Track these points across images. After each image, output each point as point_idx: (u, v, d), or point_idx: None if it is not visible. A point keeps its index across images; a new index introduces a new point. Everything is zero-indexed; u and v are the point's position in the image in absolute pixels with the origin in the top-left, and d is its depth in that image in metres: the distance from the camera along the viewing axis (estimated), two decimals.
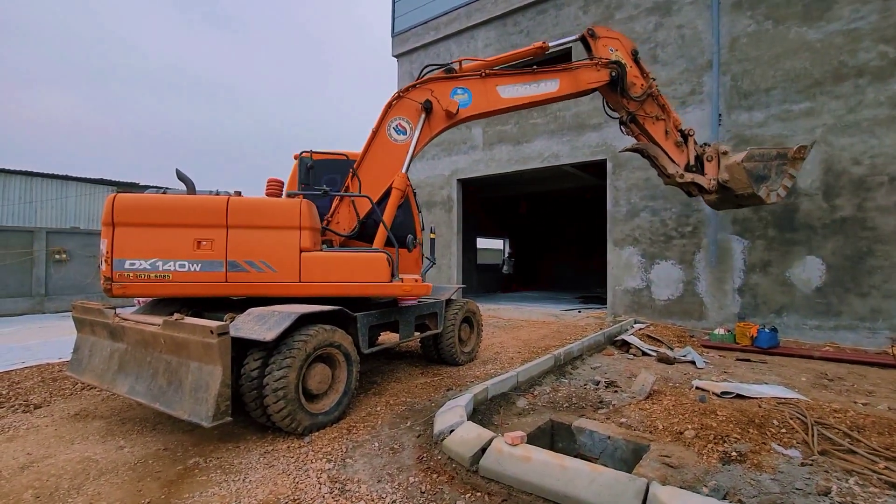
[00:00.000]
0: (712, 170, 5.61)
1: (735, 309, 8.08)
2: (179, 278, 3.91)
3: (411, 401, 4.59)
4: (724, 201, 5.84)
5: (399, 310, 5.11)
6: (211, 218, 4.01)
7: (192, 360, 3.32)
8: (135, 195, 4.03)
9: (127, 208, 3.87)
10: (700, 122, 8.49)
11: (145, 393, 3.52)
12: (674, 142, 5.60)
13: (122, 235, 3.83)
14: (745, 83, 8.07)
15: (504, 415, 4.23)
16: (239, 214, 4.07)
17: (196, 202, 4.06)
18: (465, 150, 12.34)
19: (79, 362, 4.28)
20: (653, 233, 9.05)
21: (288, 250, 4.16)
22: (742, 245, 8.02)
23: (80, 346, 4.38)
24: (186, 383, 3.31)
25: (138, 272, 3.82)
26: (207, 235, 3.98)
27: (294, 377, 3.58)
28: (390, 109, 4.90)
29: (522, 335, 8.52)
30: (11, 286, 10.26)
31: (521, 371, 4.98)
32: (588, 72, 5.30)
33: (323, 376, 3.92)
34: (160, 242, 3.89)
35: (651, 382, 4.61)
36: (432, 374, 5.66)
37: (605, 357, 6.74)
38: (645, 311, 9.08)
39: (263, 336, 3.44)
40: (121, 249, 3.81)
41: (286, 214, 4.19)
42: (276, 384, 3.50)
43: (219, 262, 3.98)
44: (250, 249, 4.07)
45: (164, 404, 3.35)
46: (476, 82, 5.00)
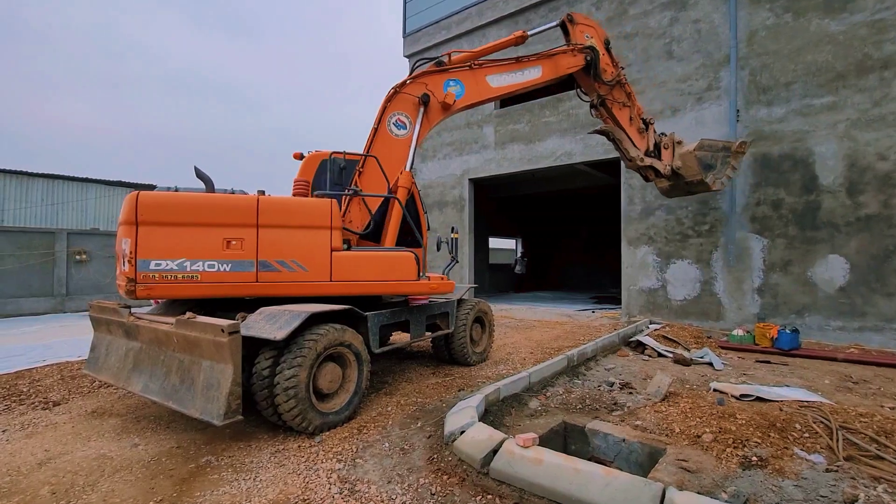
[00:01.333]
0: (668, 157, 6.12)
1: (754, 309, 7.88)
2: (209, 279, 3.79)
3: (422, 401, 4.57)
4: (674, 188, 6.42)
5: (410, 309, 5.08)
6: (241, 217, 3.93)
7: (204, 359, 3.35)
8: (159, 192, 3.94)
9: (152, 206, 3.71)
10: (717, 118, 8.31)
11: (158, 391, 3.56)
12: (637, 128, 5.99)
13: (147, 235, 3.65)
14: (764, 78, 7.86)
15: (516, 416, 4.17)
16: (270, 214, 4.03)
17: (225, 201, 3.97)
18: (476, 150, 12.29)
19: (95, 361, 4.36)
20: (668, 231, 8.88)
21: (319, 250, 4.19)
22: (761, 244, 7.82)
23: (96, 345, 4.45)
24: (198, 382, 3.33)
25: (165, 273, 3.65)
26: (237, 235, 3.89)
27: (304, 376, 3.58)
28: (389, 105, 4.91)
29: (535, 336, 8.43)
30: (34, 286, 10.52)
31: (533, 372, 4.91)
32: (566, 57, 5.59)
33: (334, 376, 3.92)
34: (188, 242, 3.74)
35: (667, 384, 4.51)
36: (444, 375, 5.63)
37: (620, 358, 6.62)
38: (660, 312, 8.92)
39: (274, 335, 3.44)
40: (146, 249, 3.63)
41: (318, 214, 4.22)
42: (287, 383, 3.50)
43: (249, 262, 3.91)
44: (281, 249, 4.03)
45: (177, 402, 3.38)
46: (466, 73, 5.13)
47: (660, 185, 6.53)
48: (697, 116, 8.51)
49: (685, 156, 6.10)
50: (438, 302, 5.60)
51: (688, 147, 6.07)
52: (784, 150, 7.64)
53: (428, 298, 5.60)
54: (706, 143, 6.14)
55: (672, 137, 6.19)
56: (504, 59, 5.37)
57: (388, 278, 4.58)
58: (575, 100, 10.28)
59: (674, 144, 6.17)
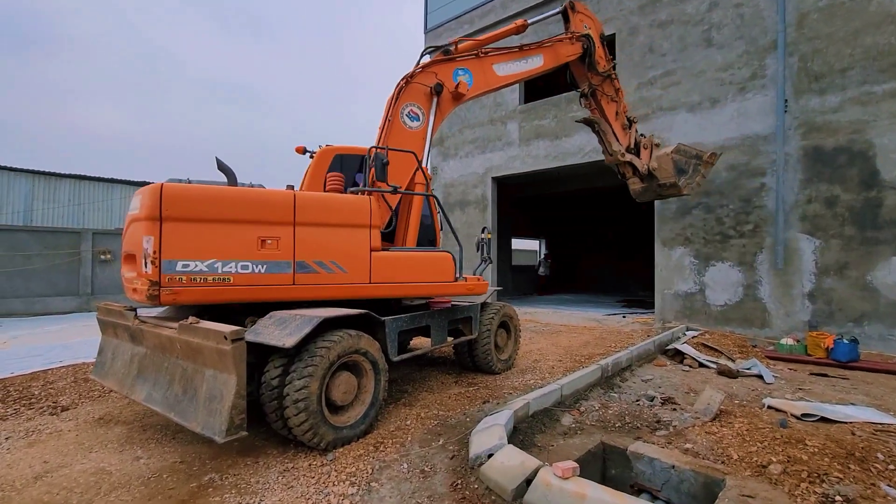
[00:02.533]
0: (646, 157, 6.19)
1: (804, 316, 7.23)
2: (242, 281, 3.44)
3: (444, 414, 4.21)
4: (646, 190, 6.49)
5: (431, 313, 4.75)
6: (277, 214, 3.62)
7: (207, 368, 3.07)
8: (186, 185, 3.51)
9: (179, 200, 3.28)
10: (763, 109, 7.68)
11: (161, 401, 3.31)
12: (621, 124, 6.08)
13: (173, 232, 3.22)
14: (817, 64, 7.21)
15: (548, 434, 3.78)
16: (308, 211, 3.74)
17: (259, 196, 3.63)
18: (500, 147, 11.88)
19: (102, 366, 4.16)
20: (707, 232, 8.28)
21: (359, 250, 3.97)
22: (813, 245, 7.17)
23: (103, 349, 4.25)
24: (201, 393, 3.06)
25: (193, 275, 3.26)
26: (273, 233, 3.57)
27: (316, 387, 3.28)
28: (401, 95, 4.64)
29: (562, 341, 7.97)
30: (60, 285, 10.65)
31: (565, 384, 4.49)
32: (565, 46, 5.64)
33: (348, 386, 3.61)
34: (219, 241, 3.38)
35: (718, 401, 4.03)
36: (467, 384, 5.26)
37: (657, 368, 6.12)
38: (698, 318, 8.32)
39: (283, 342, 3.14)
40: (171, 248, 3.21)
41: (357, 212, 3.99)
42: (297, 395, 3.20)
43: (286, 262, 3.62)
44: (320, 249, 3.78)
45: (179, 415, 3.11)
46: (474, 62, 5.03)
47: (633, 185, 6.55)
48: (740, 108, 7.90)
49: (662, 158, 6.20)
50: (461, 305, 5.25)
51: (665, 150, 6.19)
52: (839, 143, 6.98)
53: (450, 302, 5.26)
54: (682, 147, 6.33)
55: (651, 139, 6.29)
56: (509, 48, 5.26)
57: (427, 279, 4.42)
58: None
59: (652, 146, 6.27)
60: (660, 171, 6.18)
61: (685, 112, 8.56)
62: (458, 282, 4.76)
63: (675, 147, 6.26)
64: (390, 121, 4.64)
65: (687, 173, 6.35)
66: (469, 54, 5.04)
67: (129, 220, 3.64)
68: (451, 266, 4.67)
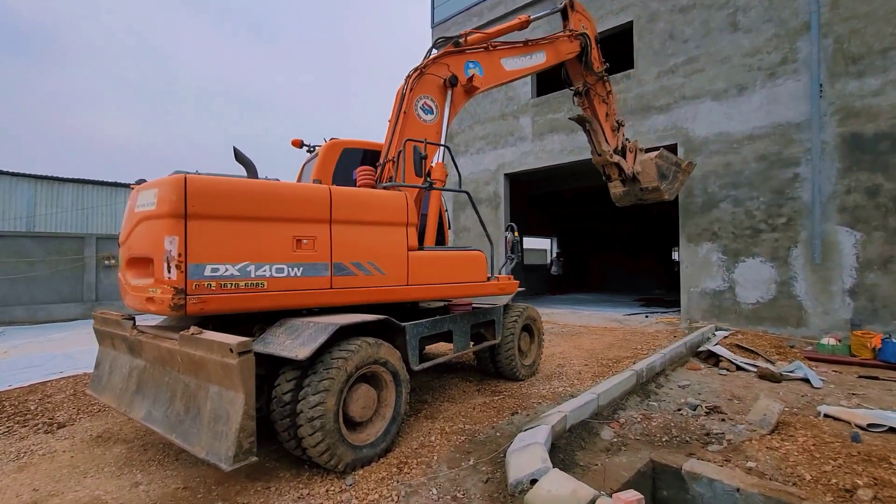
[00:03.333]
0: (630, 160, 6.32)
1: (845, 314, 6.78)
2: (277, 287, 3.09)
3: (471, 428, 3.85)
4: (627, 194, 6.59)
5: (454, 318, 4.38)
6: (313, 211, 3.29)
7: (212, 384, 2.72)
8: (213, 177, 3.02)
9: (206, 195, 2.86)
10: (794, 95, 7.25)
11: (162, 421, 2.96)
12: (611, 125, 6.14)
13: (199, 232, 2.81)
14: (854, 45, 6.77)
15: (588, 451, 3.40)
16: (344, 207, 3.44)
17: (295, 191, 3.29)
18: (512, 142, 11.50)
19: (99, 379, 3.81)
20: (736, 226, 7.85)
21: (397, 249, 3.73)
22: (854, 238, 6.72)
23: (101, 361, 3.86)
24: (205, 412, 2.71)
25: (223, 280, 2.86)
26: (309, 232, 3.24)
27: (333, 403, 2.94)
28: (416, 87, 4.40)
29: (585, 343, 7.58)
30: (64, 291, 10.41)
31: (601, 393, 4.11)
32: (565, 43, 5.68)
33: (367, 400, 3.27)
34: (252, 241, 3.00)
35: (777, 412, 3.63)
36: (490, 392, 4.90)
37: (692, 372, 5.72)
38: (727, 317, 7.89)
39: (295, 353, 2.82)
40: (199, 250, 2.79)
41: (395, 208, 3.76)
42: (312, 412, 2.86)
43: (323, 264, 3.31)
44: (357, 249, 3.50)
45: (181, 437, 2.76)
46: (483, 56, 4.93)
47: (614, 189, 6.63)
48: (770, 94, 7.47)
49: (645, 162, 6.39)
50: (483, 308, 4.88)
51: (649, 155, 6.40)
52: (881, 128, 6.54)
53: (472, 304, 4.91)
54: (665, 153, 6.55)
55: (635, 144, 6.47)
56: (515, 42, 5.22)
57: (462, 280, 4.25)
58: (622, 83, 9.39)
59: (637, 150, 6.44)
60: (643, 174, 6.35)
61: (710, 100, 8.13)
62: (491, 281, 4.63)
63: (659, 152, 6.45)
64: (405, 113, 4.37)
65: (668, 178, 6.54)
66: (479, 47, 4.90)
67: (136, 218, 3.13)
68: (484, 265, 4.52)
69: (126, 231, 3.31)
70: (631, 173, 6.33)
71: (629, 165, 6.32)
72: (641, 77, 9.06)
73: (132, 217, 3.19)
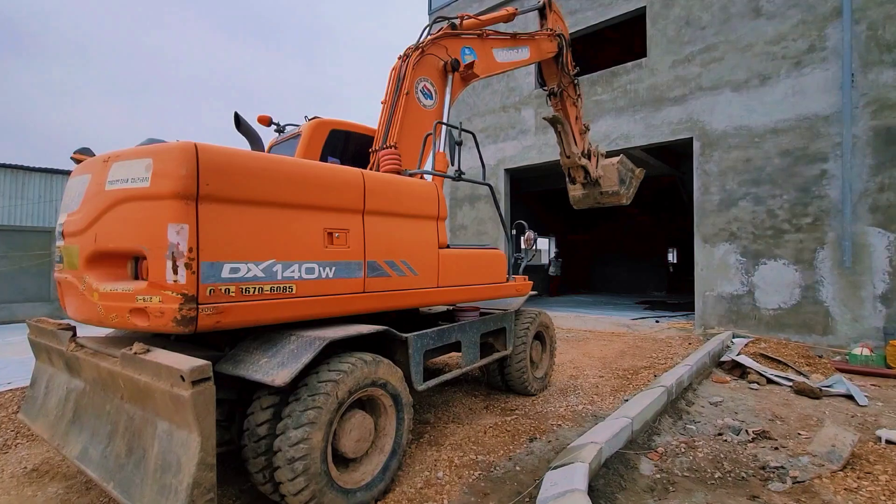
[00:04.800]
0: (593, 164, 6.48)
1: (877, 322, 6.30)
2: (307, 291, 2.52)
3: (484, 459, 3.24)
4: (587, 197, 6.76)
5: (462, 327, 3.76)
6: (346, 199, 2.76)
7: (160, 419, 2.07)
8: (230, 149, 2.35)
9: (224, 171, 2.22)
10: (823, 85, 6.75)
11: (99, 463, 2.27)
12: (579, 129, 6.28)
13: (213, 219, 2.17)
14: (889, 32, 6.29)
15: (630, 492, 2.82)
16: (378, 196, 2.94)
17: (326, 172, 2.72)
18: (513, 136, 10.91)
19: (33, 402, 3.06)
20: (756, 226, 7.34)
21: (429, 247, 3.35)
22: (887, 240, 6.24)
23: (36, 380, 3.12)
24: (151, 456, 2.06)
25: (245, 284, 2.26)
26: (341, 224, 2.71)
27: (320, 438, 2.34)
28: (416, 67, 3.98)
29: (594, 351, 7.03)
30: (29, 290, 9.59)
31: (635, 416, 3.52)
32: (546, 42, 5.67)
33: (363, 431, 2.66)
34: (277, 233, 2.41)
35: (850, 444, 3.07)
36: (500, 410, 4.30)
37: (720, 386, 5.18)
38: (746, 323, 7.38)
39: (271, 378, 2.23)
40: (214, 245, 2.16)
41: (427, 200, 3.36)
42: (293, 451, 2.26)
43: (357, 263, 2.79)
44: (391, 245, 3.03)
45: (120, 487, 2.09)
46: (477, 43, 4.71)
47: (574, 192, 6.80)
48: (795, 84, 6.97)
49: (607, 167, 6.58)
50: (494, 314, 4.28)
51: (611, 160, 6.63)
52: None
53: (479, 311, 4.31)
54: (625, 160, 6.76)
55: (597, 148, 6.69)
56: (504, 34, 5.07)
57: (484, 281, 3.94)
58: (633, 73, 8.85)
59: (599, 155, 6.62)
60: (605, 179, 6.55)
61: (729, 91, 7.62)
62: (509, 282, 4.37)
63: (620, 158, 6.66)
64: (408, 94, 3.89)
65: (626, 184, 6.73)
66: (473, 33, 4.66)
67: (108, 198, 2.31)
68: (504, 265, 4.29)
69: (84, 216, 2.43)
70: (596, 176, 6.55)
71: (594, 169, 6.51)
72: (654, 66, 8.52)
73: (98, 197, 2.37)
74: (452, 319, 4.01)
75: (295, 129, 4.49)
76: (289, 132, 4.57)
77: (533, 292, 4.96)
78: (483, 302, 4.39)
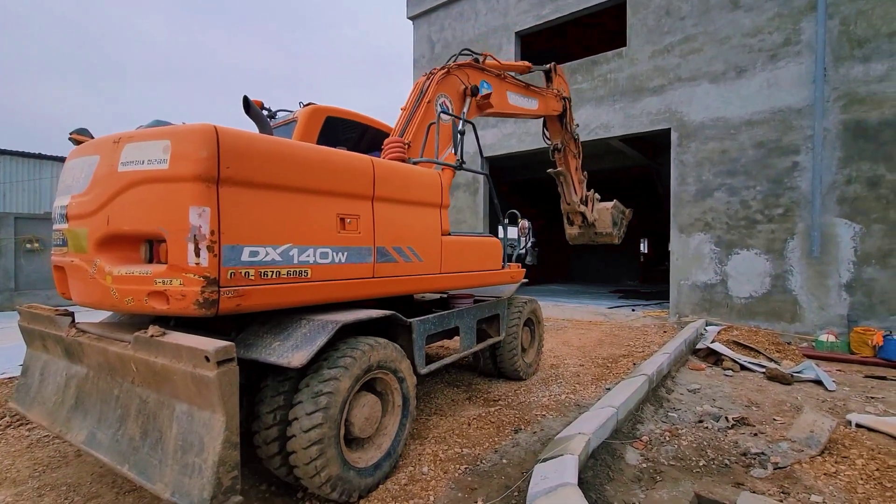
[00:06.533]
0: (590, 208, 7.04)
1: (841, 310, 6.55)
2: (320, 275, 2.56)
3: (469, 452, 3.16)
4: (582, 235, 7.30)
5: (460, 313, 3.87)
6: (357, 185, 2.80)
7: (179, 401, 2.03)
8: (249, 133, 2.36)
9: (243, 155, 2.19)
10: (797, 79, 6.89)
11: (110, 446, 2.22)
12: (578, 178, 6.86)
13: (234, 203, 2.16)
14: (860, 27, 6.44)
15: (617, 482, 2.78)
16: (386, 183, 3.00)
17: (339, 159, 2.74)
18: (493, 123, 10.78)
19: (26, 390, 2.96)
20: (730, 216, 7.50)
21: (433, 234, 3.45)
22: (852, 231, 6.47)
23: (29, 368, 3.05)
24: (169, 437, 2.01)
25: (264, 267, 2.28)
26: (353, 210, 2.76)
27: (335, 420, 2.38)
28: (441, 83, 4.27)
29: (573, 339, 7.08)
30: None
31: (619, 405, 3.51)
32: (552, 100, 6.09)
33: (371, 412, 2.71)
34: (294, 218, 2.43)
35: (828, 429, 3.13)
36: (483, 400, 4.24)
37: (696, 373, 5.27)
38: (719, 311, 7.57)
39: (287, 360, 2.25)
40: (235, 228, 2.15)
41: (431, 188, 3.45)
42: (309, 434, 2.27)
43: (367, 248, 2.85)
44: (398, 231, 3.11)
45: (136, 468, 2.06)
46: (495, 81, 4.98)
47: (571, 231, 7.34)
48: (770, 77, 7.09)
49: (602, 211, 7.12)
50: (488, 301, 4.38)
51: (605, 204, 7.16)
52: (885, 116, 6.27)
53: (472, 298, 4.47)
54: (617, 204, 7.31)
55: (593, 194, 7.19)
56: (520, 81, 5.45)
57: (482, 267, 4.07)
58: (613, 62, 8.84)
59: (594, 200, 7.16)
60: (599, 222, 7.12)
61: (707, 83, 7.70)
62: (504, 269, 4.49)
63: (613, 203, 7.22)
64: (428, 102, 4.11)
65: (618, 225, 7.29)
66: (492, 71, 4.99)
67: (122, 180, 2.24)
68: (500, 252, 4.42)
69: (94, 198, 2.34)
70: (592, 220, 7.15)
71: (591, 214, 7.09)
72: (634, 56, 8.53)
73: (110, 178, 2.29)
74: (445, 307, 4.13)
75: (288, 114, 4.42)
76: (281, 118, 4.46)
77: (524, 280, 5.00)
78: (476, 290, 4.56)
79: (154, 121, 2.73)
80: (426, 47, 12.00)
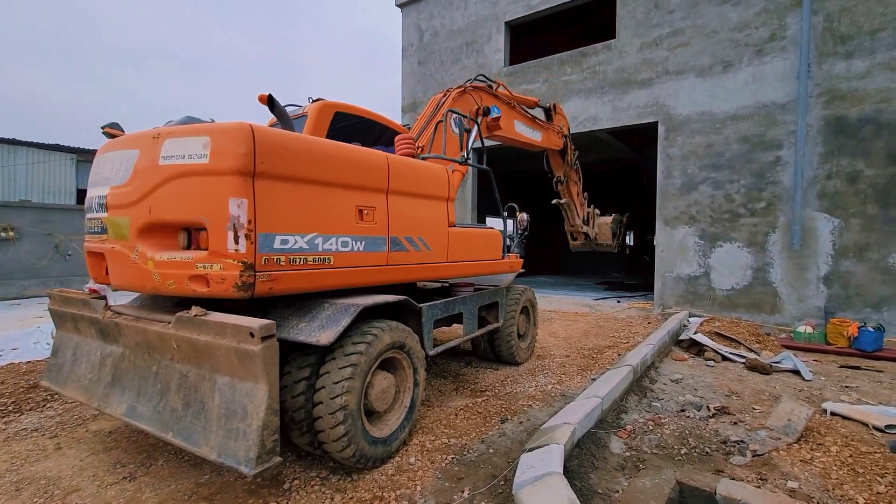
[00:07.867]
0: (591, 225, 7.79)
1: (819, 302, 6.73)
2: (342, 262, 2.82)
3: (456, 443, 3.17)
4: (584, 246, 7.99)
5: (464, 300, 4.13)
6: (374, 179, 3.05)
7: (220, 374, 2.25)
8: (280, 131, 2.58)
9: (275, 151, 2.40)
10: (782, 74, 6.98)
11: (151, 417, 2.43)
12: (580, 201, 7.46)
13: (268, 195, 2.37)
14: (844, 24, 6.54)
15: (601, 470, 2.83)
16: (400, 177, 3.25)
17: (358, 155, 2.97)
18: None
19: (59, 369, 3.15)
20: (715, 210, 7.61)
21: (441, 225, 3.71)
22: (831, 224, 6.62)
23: (60, 348, 3.23)
24: (212, 407, 2.23)
25: (293, 254, 2.49)
26: (370, 202, 3.01)
27: (357, 392, 2.63)
28: (456, 98, 4.56)
29: (559, 331, 7.14)
30: None
31: (604, 395, 3.56)
32: (554, 136, 6.48)
33: (387, 387, 2.95)
34: (319, 209, 2.66)
35: (804, 418, 3.22)
36: (470, 391, 4.26)
37: (679, 364, 5.37)
38: (702, 303, 7.71)
39: (316, 338, 2.48)
40: (268, 218, 2.37)
41: (440, 182, 3.70)
42: (334, 403, 2.50)
43: (382, 238, 3.11)
44: (410, 222, 3.36)
45: (181, 435, 2.27)
46: (505, 108, 5.23)
47: (574, 243, 7.94)
48: (756, 72, 7.17)
49: (602, 225, 7.83)
50: (489, 289, 4.61)
51: (605, 219, 7.84)
52: (865, 113, 6.40)
53: (473, 287, 4.70)
54: (616, 217, 7.95)
55: (594, 211, 7.80)
56: (527, 112, 5.74)
57: (484, 257, 4.33)
58: (602, 54, 8.84)
59: (594, 216, 7.78)
60: (601, 235, 7.82)
61: (694, 77, 7.75)
62: (504, 259, 4.74)
63: (613, 217, 7.85)
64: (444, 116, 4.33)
65: (616, 236, 7.91)
66: (503, 99, 5.26)
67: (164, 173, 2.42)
68: (500, 243, 4.65)
69: (136, 189, 2.52)
70: (593, 236, 7.86)
71: (592, 231, 7.76)
72: (623, 49, 8.54)
73: (151, 171, 2.47)
74: (445, 295, 4.32)
75: (297, 109, 4.37)
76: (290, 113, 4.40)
77: (522, 269, 5.24)
78: (476, 279, 4.80)
79: (185, 117, 2.87)
80: (415, 35, 11.84)
